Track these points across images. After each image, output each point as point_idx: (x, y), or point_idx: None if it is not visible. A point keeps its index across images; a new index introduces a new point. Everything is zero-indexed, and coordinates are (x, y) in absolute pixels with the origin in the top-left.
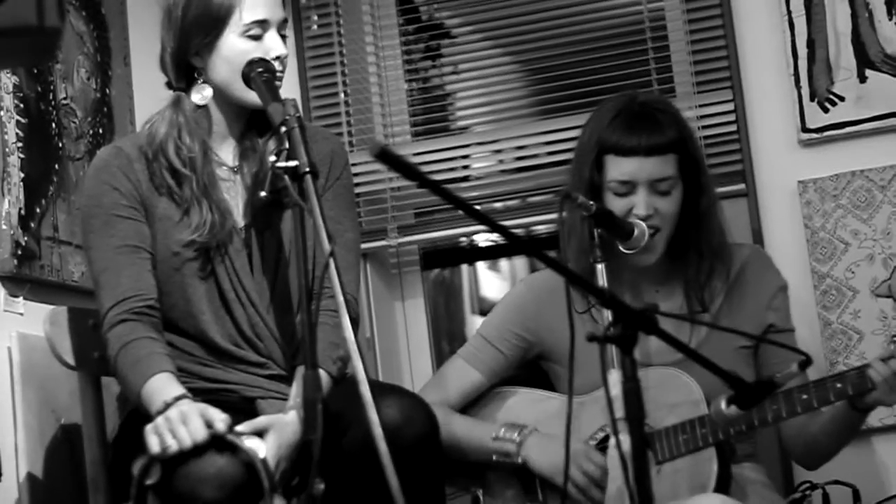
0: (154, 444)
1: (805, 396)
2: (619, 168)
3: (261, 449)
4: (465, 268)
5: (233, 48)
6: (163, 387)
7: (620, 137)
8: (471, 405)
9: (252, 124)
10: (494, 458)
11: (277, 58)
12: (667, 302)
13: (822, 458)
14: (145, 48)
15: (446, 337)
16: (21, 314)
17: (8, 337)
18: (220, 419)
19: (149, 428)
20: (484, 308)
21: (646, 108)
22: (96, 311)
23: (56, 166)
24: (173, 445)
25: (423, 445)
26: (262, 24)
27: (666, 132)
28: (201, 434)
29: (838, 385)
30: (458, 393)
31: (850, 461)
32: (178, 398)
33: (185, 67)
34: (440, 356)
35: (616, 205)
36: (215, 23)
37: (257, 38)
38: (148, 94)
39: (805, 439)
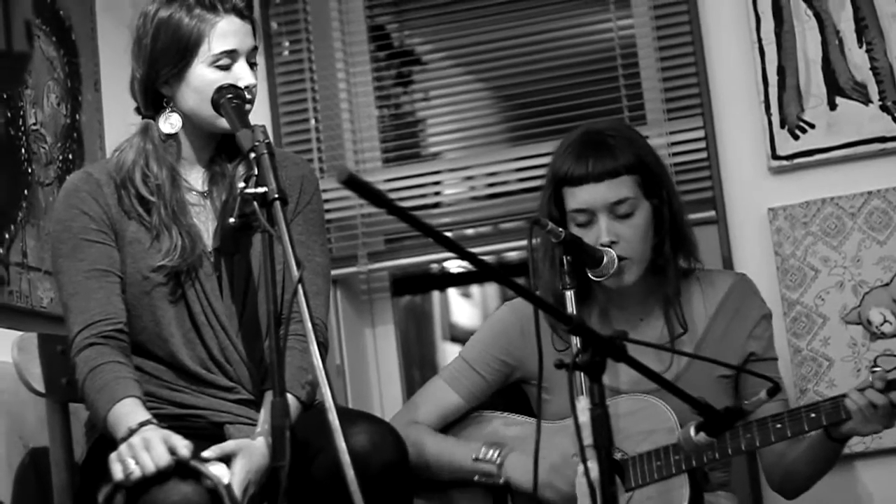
0: (117, 472)
1: (779, 426)
2: (575, 198)
3: (225, 475)
4: (436, 294)
5: (201, 78)
6: (128, 413)
7: (571, 167)
8: (449, 428)
9: (221, 149)
10: (476, 478)
11: (246, 88)
12: (648, 327)
13: (801, 488)
14: (116, 74)
15: (417, 364)
16: None
17: None
18: (183, 445)
19: (113, 456)
20: (455, 335)
21: (596, 136)
22: (65, 337)
23: (25, 192)
24: (136, 472)
25: (391, 473)
26: (231, 54)
27: (617, 155)
28: (164, 460)
29: (812, 415)
30: (436, 414)
31: (823, 489)
32: (142, 424)
33: (153, 95)
34: (410, 383)
35: (582, 236)
36: (184, 53)
37: (226, 67)
38: (118, 119)
39: (784, 468)
